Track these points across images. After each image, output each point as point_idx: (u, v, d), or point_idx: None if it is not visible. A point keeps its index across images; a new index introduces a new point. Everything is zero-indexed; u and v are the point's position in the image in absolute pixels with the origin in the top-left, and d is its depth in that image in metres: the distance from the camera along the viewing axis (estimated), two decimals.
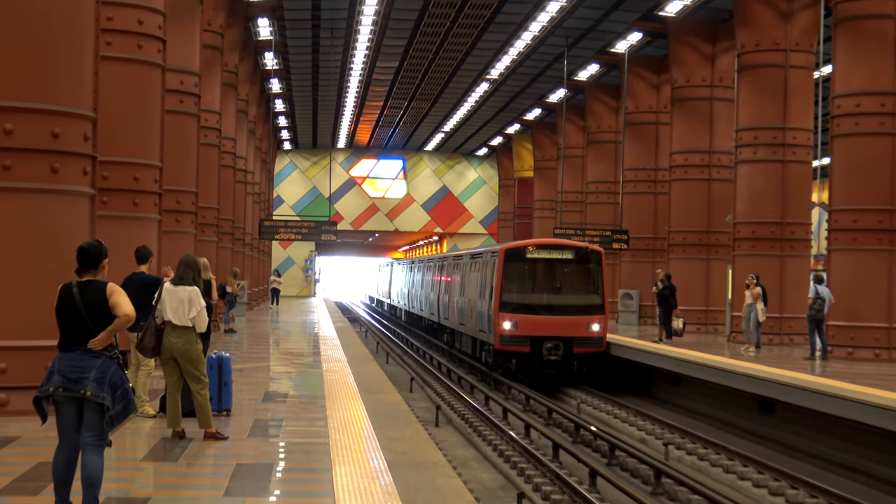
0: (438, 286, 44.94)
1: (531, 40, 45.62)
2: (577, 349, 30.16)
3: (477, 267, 35.27)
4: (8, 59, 14.14)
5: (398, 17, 42.94)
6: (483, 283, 33.34)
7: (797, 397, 20.60)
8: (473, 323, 34.65)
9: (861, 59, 27.62)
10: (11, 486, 10.02)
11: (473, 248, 43.63)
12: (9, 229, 14.10)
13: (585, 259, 31.58)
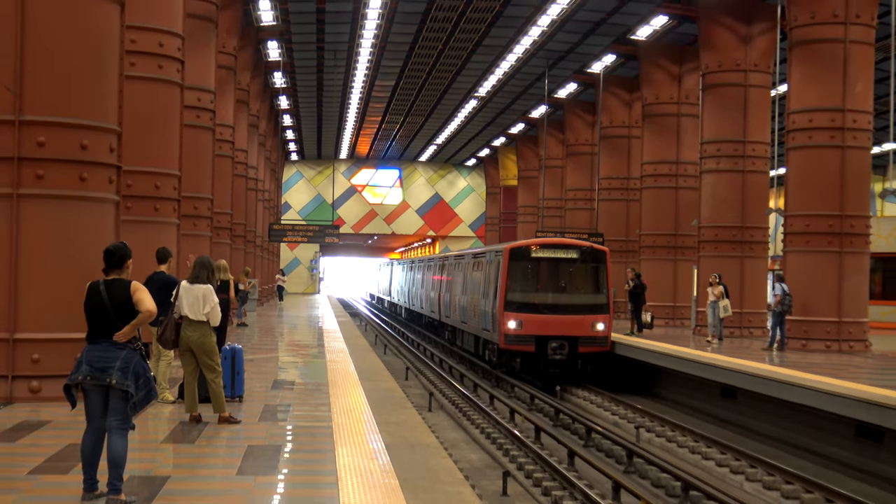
0: (439, 285, 42.63)
1: (515, 61, 45.69)
2: (582, 348, 28.09)
3: (480, 266, 33.09)
4: (41, 79, 14.16)
5: (395, 41, 42.95)
6: (487, 282, 31.09)
7: (756, 385, 20.64)
8: (476, 322, 32.44)
9: (813, 78, 27.69)
10: (44, 466, 10.05)
11: (476, 248, 40.45)
12: (41, 232, 14.13)
13: (590, 258, 29.36)
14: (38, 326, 14.00)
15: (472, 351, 34.62)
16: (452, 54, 45.25)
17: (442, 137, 72.17)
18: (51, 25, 14.25)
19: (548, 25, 38.64)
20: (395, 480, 9.81)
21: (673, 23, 36.33)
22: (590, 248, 29.48)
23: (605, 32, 39.69)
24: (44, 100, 14.17)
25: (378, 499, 9.01)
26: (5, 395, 13.94)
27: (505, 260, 28.76)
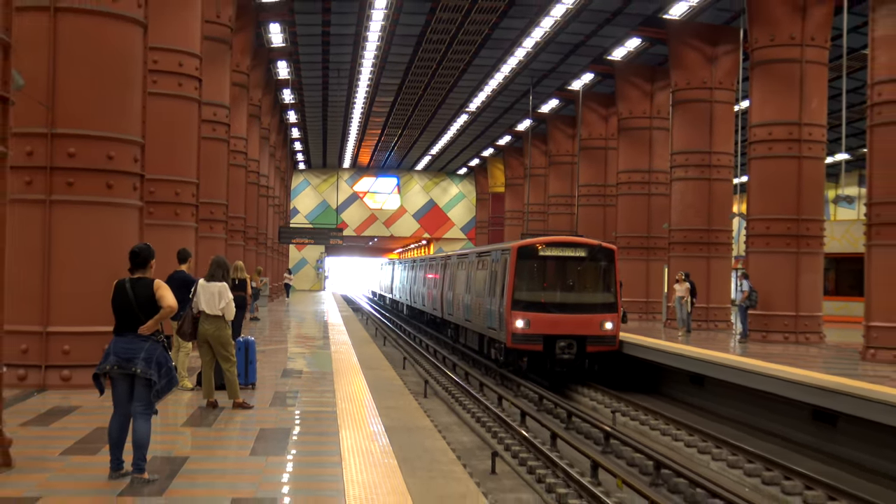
0: (442, 283, 39.72)
1: (502, 80, 45.76)
2: (590, 348, 25.32)
3: (484, 265, 30.22)
4: (72, 95, 14.18)
5: (393, 61, 42.97)
6: (493, 281, 28.22)
7: (721, 373, 20.67)
8: (481, 320, 29.59)
9: (773, 95, 27.76)
10: (74, 447, 10.04)
11: (480, 247, 36.87)
12: (72, 235, 14.16)
13: (598, 256, 26.34)
14: (68, 320, 14.03)
15: (477, 349, 32.09)
16: (445, 73, 45.28)
17: (436, 148, 72.17)
18: (80, 47, 14.27)
19: (532, 47, 38.76)
20: (393, 460, 9.81)
21: (646, 45, 36.42)
22: (598, 247, 26.76)
23: (584, 53, 39.77)
24: (74, 114, 14.19)
25: (378, 477, 9.01)
26: (39, 383, 13.96)
27: (512, 258, 26.13)
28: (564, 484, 14.29)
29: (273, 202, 53.67)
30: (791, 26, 27.34)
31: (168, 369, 8.77)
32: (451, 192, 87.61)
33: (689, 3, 30.83)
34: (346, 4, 34.13)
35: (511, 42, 38.70)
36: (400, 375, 22.27)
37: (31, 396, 13.34)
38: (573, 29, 35.76)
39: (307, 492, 8.66)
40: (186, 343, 14.42)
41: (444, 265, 39.59)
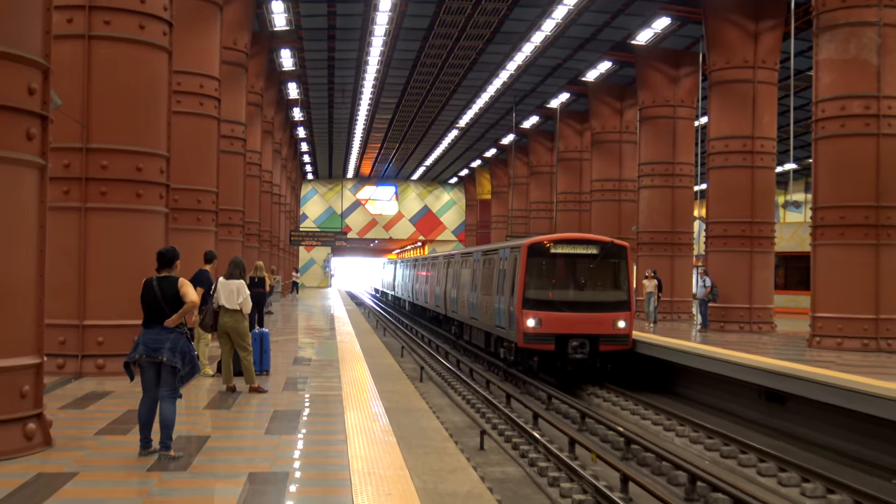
0: (445, 282, 36.14)
1: (488, 99, 45.84)
2: (603, 347, 22.35)
3: (491, 263, 26.91)
4: (104, 114, 14.19)
5: (391, 82, 43.00)
6: (501, 279, 25.01)
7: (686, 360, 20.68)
8: (489, 318, 26.39)
9: (728, 112, 27.83)
10: (107, 428, 10.04)
11: (485, 246, 32.40)
12: (105, 239, 14.17)
13: (610, 254, 23.28)
14: (102, 315, 14.04)
15: (483, 346, 28.94)
16: (438, 93, 45.32)
17: (430, 160, 72.22)
18: (112, 71, 14.30)
19: (514, 70, 38.87)
20: (393, 438, 9.81)
21: (616, 67, 36.51)
22: (610, 244, 23.61)
23: (561, 75, 39.86)
24: (106, 131, 14.23)
25: (379, 453, 9.01)
26: (76, 371, 13.97)
27: (523, 256, 22.93)
28: (545, 458, 14.29)
29: (284, 208, 53.66)
30: (744, 51, 27.42)
31: (191, 358, 8.78)
32: (443, 198, 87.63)
33: (654, 30, 30.88)
34: (348, 32, 34.12)
35: (496, 65, 38.76)
36: (398, 362, 22.26)
37: (68, 383, 13.34)
38: (551, 54, 35.91)
39: (316, 467, 8.66)
40: (207, 334, 14.44)
41: (447, 264, 36.29)
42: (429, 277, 42.04)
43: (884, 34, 21.26)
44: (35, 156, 8.88)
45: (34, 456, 8.56)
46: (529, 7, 30.20)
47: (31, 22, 8.89)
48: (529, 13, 30.95)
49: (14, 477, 7.72)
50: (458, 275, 33.10)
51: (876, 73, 21.24)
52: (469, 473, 8.64)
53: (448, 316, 36.04)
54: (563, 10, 29.98)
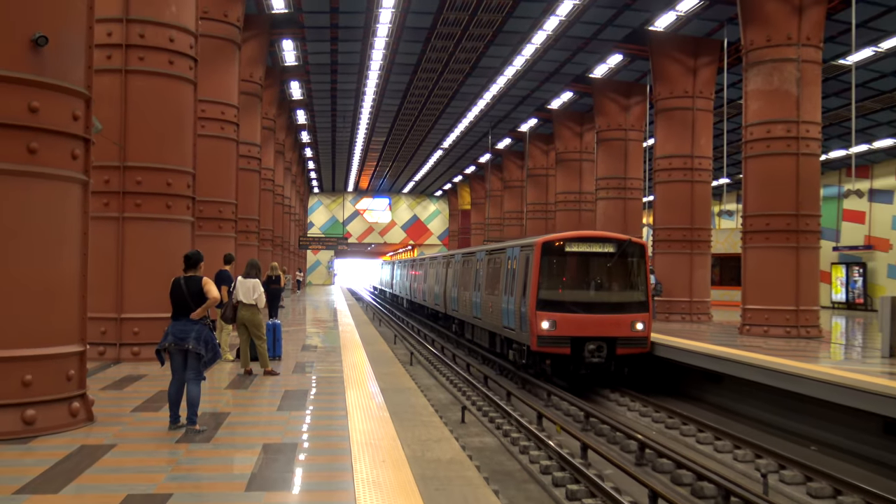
0: (445, 281, 32.52)
1: (468, 124, 45.81)
2: (620, 350, 18.78)
3: (497, 263, 23.26)
4: (139, 137, 14.19)
5: (385, 110, 42.94)
6: (510, 279, 21.36)
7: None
8: (494, 319, 22.74)
9: (672, 135, 27.95)
10: (141, 406, 10.01)
11: (491, 245, 27.25)
12: (139, 244, 14.14)
13: (628, 252, 19.53)
14: (137, 309, 14.00)
15: (487, 346, 25.23)
16: (425, 119, 45.30)
17: (418, 176, 72.17)
18: (145, 100, 14.29)
19: (490, 99, 38.90)
20: (387, 413, 9.81)
21: (576, 97, 36.59)
22: (627, 242, 19.71)
23: (530, 103, 39.88)
24: (141, 152, 14.20)
25: (375, 426, 9.01)
26: (114, 357, 13.94)
27: (536, 255, 19.35)
28: (517, 430, 14.32)
29: (293, 217, 53.58)
30: (684, 83, 27.56)
31: (213, 346, 8.76)
32: (430, 209, 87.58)
33: (609, 65, 30.98)
34: (348, 67, 34.09)
35: (474, 95, 38.79)
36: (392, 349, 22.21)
37: (108, 367, 13.29)
38: (522, 85, 35.92)
39: (321, 438, 8.65)
40: (227, 325, 14.40)
41: (448, 264, 32.45)
42: (427, 277, 38.32)
43: (802, 69, 21.43)
44: (79, 173, 8.87)
45: (78, 430, 8.54)
46: (502, 45, 30.23)
47: (76, 58, 8.89)
48: (503, 51, 30.98)
49: (61, 448, 7.71)
50: (458, 274, 29.72)
51: (796, 102, 21.39)
52: (452, 443, 8.65)
53: (448, 314, 32.45)
54: (531, 49, 30.04)
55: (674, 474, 11.59)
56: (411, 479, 6.81)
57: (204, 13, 18.79)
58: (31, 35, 8.26)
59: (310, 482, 6.85)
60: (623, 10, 25.60)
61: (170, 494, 6.29)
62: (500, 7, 26.03)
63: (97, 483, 6.66)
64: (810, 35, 21.48)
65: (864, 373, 13.99)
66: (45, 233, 8.56)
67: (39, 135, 8.37)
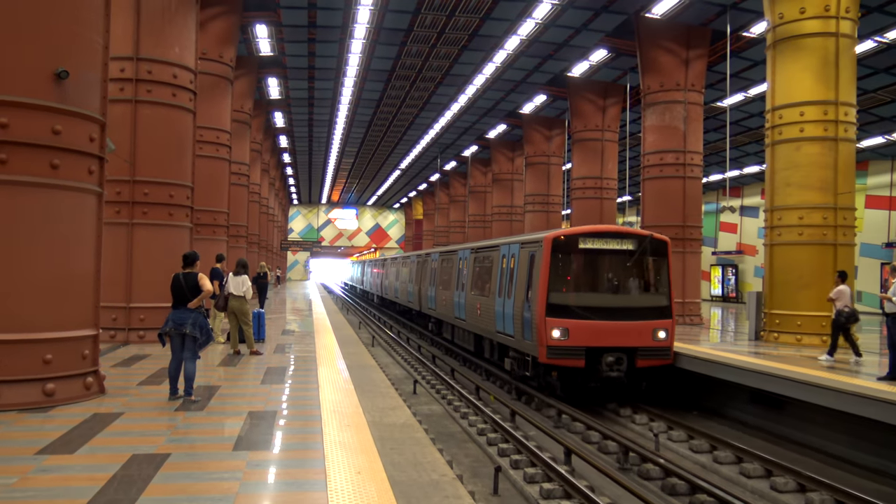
0: (420, 279, 27.22)
1: (421, 149, 45.55)
2: (640, 362, 13.81)
3: (489, 261, 17.78)
4: (146, 156, 13.98)
5: (354, 137, 42.67)
6: (506, 280, 16.02)
7: None
8: (485, 322, 17.40)
9: (585, 161, 28.28)
10: (146, 380, 9.82)
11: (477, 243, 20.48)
12: (146, 245, 13.93)
13: (649, 250, 14.35)
14: (143, 299, 13.76)
15: (472, 350, 19.67)
16: (385, 146, 45.14)
17: (380, 191, 71.85)
18: (152, 126, 14.09)
19: (439, 129, 38.79)
20: (351, 386, 9.77)
21: (509, 129, 36.68)
22: (649, 238, 14.36)
23: (472, 133, 39.89)
24: (148, 168, 13.98)
25: (342, 396, 8.96)
26: (124, 340, 13.69)
27: (545, 253, 13.98)
28: (459, 399, 14.34)
29: (276, 224, 53.02)
30: (596, 119, 27.93)
31: (207, 330, 8.63)
32: (389, 218, 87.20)
33: (535, 104, 31.24)
34: (323, 101, 33.85)
35: (426, 126, 38.72)
36: (357, 333, 22.10)
37: (118, 348, 13.01)
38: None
39: (298, 406, 8.57)
40: (220, 313, 14.19)
41: (423, 262, 27.16)
42: (400, 275, 32.81)
43: (688, 109, 21.89)
44: (94, 185, 8.71)
45: (91, 401, 8.35)
46: (448, 86, 30.28)
47: (93, 90, 8.73)
48: (449, 90, 31.03)
49: (77, 416, 7.54)
50: (435, 273, 24.37)
51: (683, 136, 21.84)
52: (405, 410, 8.64)
53: (423, 312, 26.87)
54: (472, 89, 30.10)
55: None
56: (371, 440, 6.80)
57: (203, 54, 18.56)
58: (54, 69, 8.11)
59: (287, 443, 6.79)
60: (547, 59, 25.89)
61: (168, 454, 6.19)
62: (448, 55, 26.12)
63: (107, 445, 6.52)
64: (694, 82, 21.97)
65: (735, 352, 14.31)
66: (65, 235, 8.40)
67: (61, 153, 8.22)
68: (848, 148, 15.92)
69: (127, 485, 5.38)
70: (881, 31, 20.71)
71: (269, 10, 22.21)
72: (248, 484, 5.45)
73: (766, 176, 16.74)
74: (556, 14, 21.54)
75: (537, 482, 9.02)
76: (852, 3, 15.90)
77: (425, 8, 21.63)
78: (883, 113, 27.92)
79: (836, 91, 15.72)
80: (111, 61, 9.64)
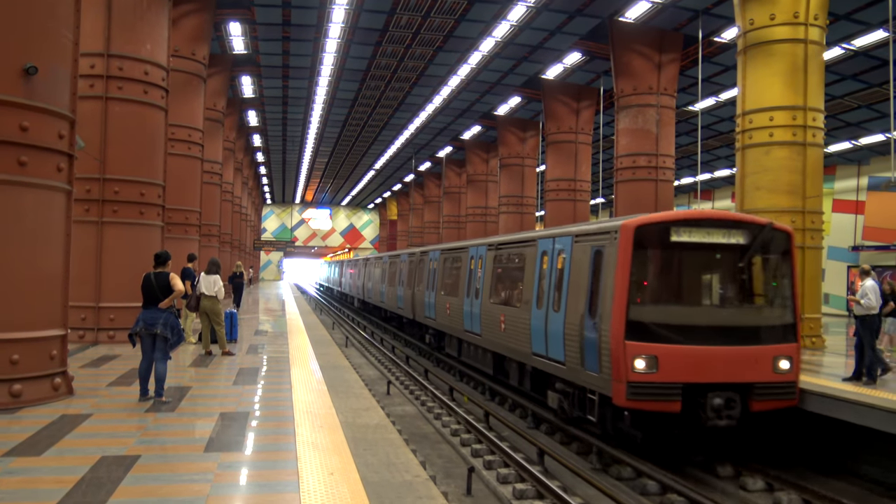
0: (413, 283, 22.61)
1: (396, 150, 45.52)
2: (757, 404, 9.22)
3: (518, 261, 13.50)
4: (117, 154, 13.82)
5: (328, 137, 42.44)
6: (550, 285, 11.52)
7: None
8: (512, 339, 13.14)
9: (559, 163, 28.48)
10: (116, 381, 9.71)
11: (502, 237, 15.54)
12: (116, 244, 13.78)
13: (767, 244, 9.75)
14: (113, 299, 13.60)
15: (490, 373, 15.37)
16: (360, 146, 44.99)
17: (355, 191, 71.60)
18: (123, 123, 13.96)
19: (414, 129, 38.76)
20: (324, 387, 9.73)
21: (484, 130, 36.76)
22: (768, 227, 9.79)
23: (446, 135, 39.92)
24: (118, 166, 13.81)
25: (315, 397, 8.92)
26: (93, 340, 13.52)
27: (624, 249, 9.36)
28: (432, 400, 14.36)
29: (249, 223, 52.60)
30: (569, 121, 28.13)
31: (178, 331, 8.56)
32: (364, 218, 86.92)
33: (510, 105, 31.37)
34: (296, 100, 33.68)
35: (401, 126, 38.67)
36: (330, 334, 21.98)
37: (87, 348, 12.84)
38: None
39: (270, 407, 8.52)
40: (191, 313, 14.05)
41: (418, 262, 22.49)
42: (387, 276, 28.24)
43: (661, 112, 22.14)
44: (63, 183, 8.59)
45: (59, 402, 8.24)
46: (423, 86, 30.29)
47: (62, 86, 8.62)
48: (424, 90, 31.03)
49: (44, 417, 7.43)
50: (435, 275, 19.83)
51: (655, 139, 22.09)
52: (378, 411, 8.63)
53: (418, 321, 22.14)
54: (447, 90, 30.14)
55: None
56: (344, 441, 6.78)
57: (175, 51, 18.38)
58: (23, 65, 7.97)
59: (259, 444, 6.75)
60: (521, 61, 26.00)
61: (138, 456, 6.12)
62: (423, 55, 26.13)
63: (75, 447, 6.43)
64: (667, 86, 22.22)
65: None
66: (33, 234, 8.27)
67: (29, 150, 8.10)
68: (816, 153, 16.21)
69: (95, 487, 5.31)
70: (848, 39, 21.13)
71: (243, 7, 22.05)
72: (219, 486, 5.42)
73: (737, 179, 16.99)
74: (530, 16, 21.66)
75: (510, 482, 9.06)
76: (821, 11, 16.20)
77: (400, 8, 21.62)
78: (850, 119, 28.48)
79: (804, 97, 16.00)
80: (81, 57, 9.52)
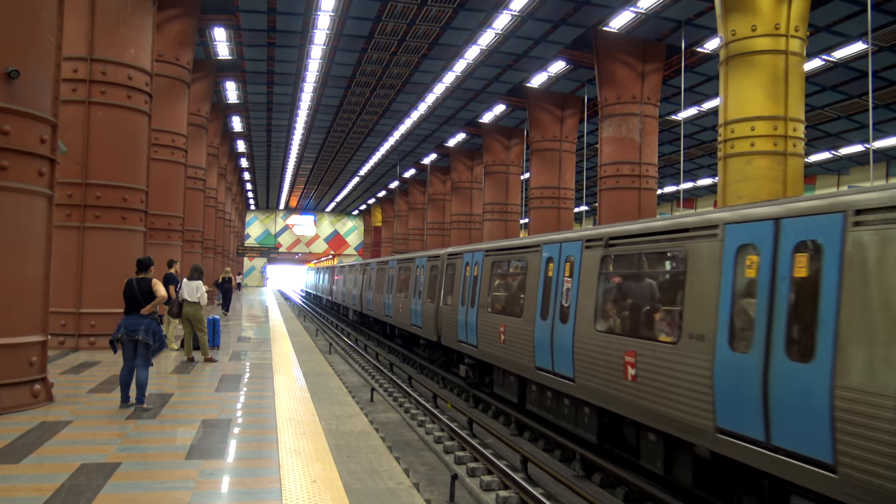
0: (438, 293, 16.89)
1: (380, 157, 45.52)
2: None
3: (656, 264, 8.49)
4: (99, 158, 13.71)
5: (313, 143, 42.40)
6: (717, 299, 6.16)
7: None
8: (597, 378, 8.39)
9: (543, 170, 28.57)
10: (96, 388, 9.60)
11: (613, 227, 9.19)
12: (98, 250, 13.64)
13: None
14: (94, 304, 13.46)
15: (569, 430, 10.14)
16: (345, 152, 44.94)
17: (339, 197, 71.48)
18: (105, 128, 13.85)
19: (399, 136, 38.78)
20: (308, 394, 9.69)
21: (468, 138, 36.85)
22: None
23: (431, 141, 39.96)
24: (101, 171, 13.72)
25: (298, 404, 8.88)
26: (73, 346, 13.35)
27: None
28: (416, 407, 14.32)
29: (233, 229, 52.37)
30: (553, 129, 28.27)
31: (160, 337, 8.49)
32: (348, 225, 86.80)
33: (494, 113, 31.47)
34: (281, 106, 33.61)
35: (385, 133, 38.70)
36: (314, 340, 21.91)
37: (67, 355, 12.70)
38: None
39: (253, 414, 8.47)
40: (174, 319, 13.96)
41: (441, 268, 17.06)
42: (395, 286, 22.68)
43: (644, 122, 22.31)
44: (44, 188, 8.51)
45: (39, 409, 8.14)
46: (409, 93, 30.35)
47: (44, 90, 8.55)
48: (409, 97, 31.09)
49: (24, 424, 7.34)
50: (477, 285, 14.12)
51: (639, 148, 22.24)
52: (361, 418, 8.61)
53: (448, 346, 16.43)
54: (432, 97, 30.21)
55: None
56: (327, 448, 6.75)
57: (159, 56, 18.30)
58: (4, 69, 7.90)
59: (241, 451, 6.70)
60: (506, 69, 26.13)
61: (119, 463, 6.06)
62: (409, 63, 26.18)
63: (55, 454, 6.35)
64: (650, 95, 22.40)
65: None
66: (13, 238, 8.17)
67: (9, 154, 8.02)
68: (796, 162, 16.40)
69: (75, 495, 5.25)
70: (828, 50, 21.43)
71: (228, 13, 22.00)
72: (200, 493, 5.37)
73: (719, 188, 17.14)
74: (515, 25, 21.78)
75: (493, 490, 9.05)
76: (801, 22, 16.43)
77: (386, 15, 21.66)
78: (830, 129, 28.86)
79: (785, 107, 16.20)
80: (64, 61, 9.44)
